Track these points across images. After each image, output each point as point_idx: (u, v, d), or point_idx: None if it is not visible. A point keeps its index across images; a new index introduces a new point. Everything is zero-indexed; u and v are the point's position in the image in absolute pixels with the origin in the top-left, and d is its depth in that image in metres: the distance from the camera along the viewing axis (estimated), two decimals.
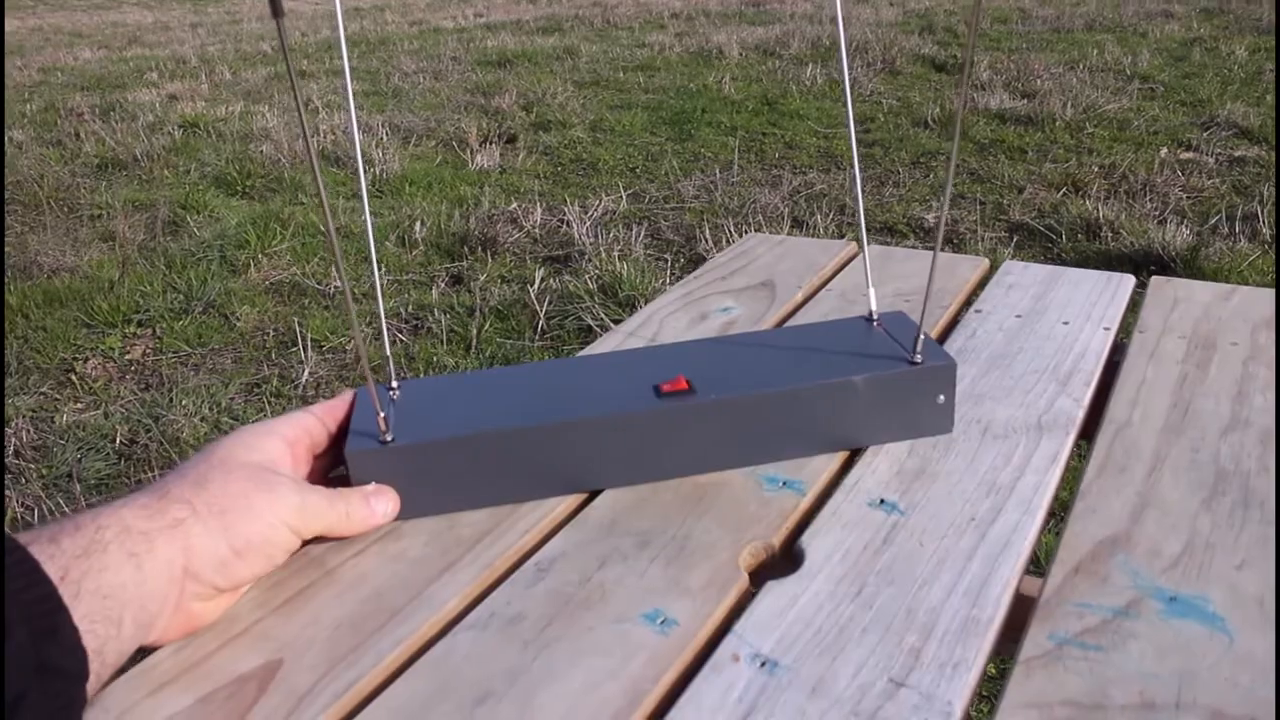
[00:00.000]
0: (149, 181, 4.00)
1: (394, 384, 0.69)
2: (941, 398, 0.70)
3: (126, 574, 0.49)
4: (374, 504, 0.62)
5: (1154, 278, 1.00)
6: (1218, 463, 0.67)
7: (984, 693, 0.54)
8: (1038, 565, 0.59)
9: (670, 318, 0.94)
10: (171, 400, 2.25)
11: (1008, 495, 0.64)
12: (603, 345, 0.89)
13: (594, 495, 0.66)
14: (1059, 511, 0.66)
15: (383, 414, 0.62)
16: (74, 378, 2.41)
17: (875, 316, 0.76)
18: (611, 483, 0.66)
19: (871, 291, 0.76)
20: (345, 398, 0.68)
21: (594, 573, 0.58)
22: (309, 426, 0.64)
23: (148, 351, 2.54)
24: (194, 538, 0.53)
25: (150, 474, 1.97)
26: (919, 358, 0.69)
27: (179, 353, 2.53)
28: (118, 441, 2.11)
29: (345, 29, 8.58)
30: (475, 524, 0.63)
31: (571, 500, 0.66)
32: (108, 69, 6.71)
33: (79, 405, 2.28)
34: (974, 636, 0.52)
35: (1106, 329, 0.89)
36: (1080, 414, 0.75)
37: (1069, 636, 0.52)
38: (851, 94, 4.79)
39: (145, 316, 2.70)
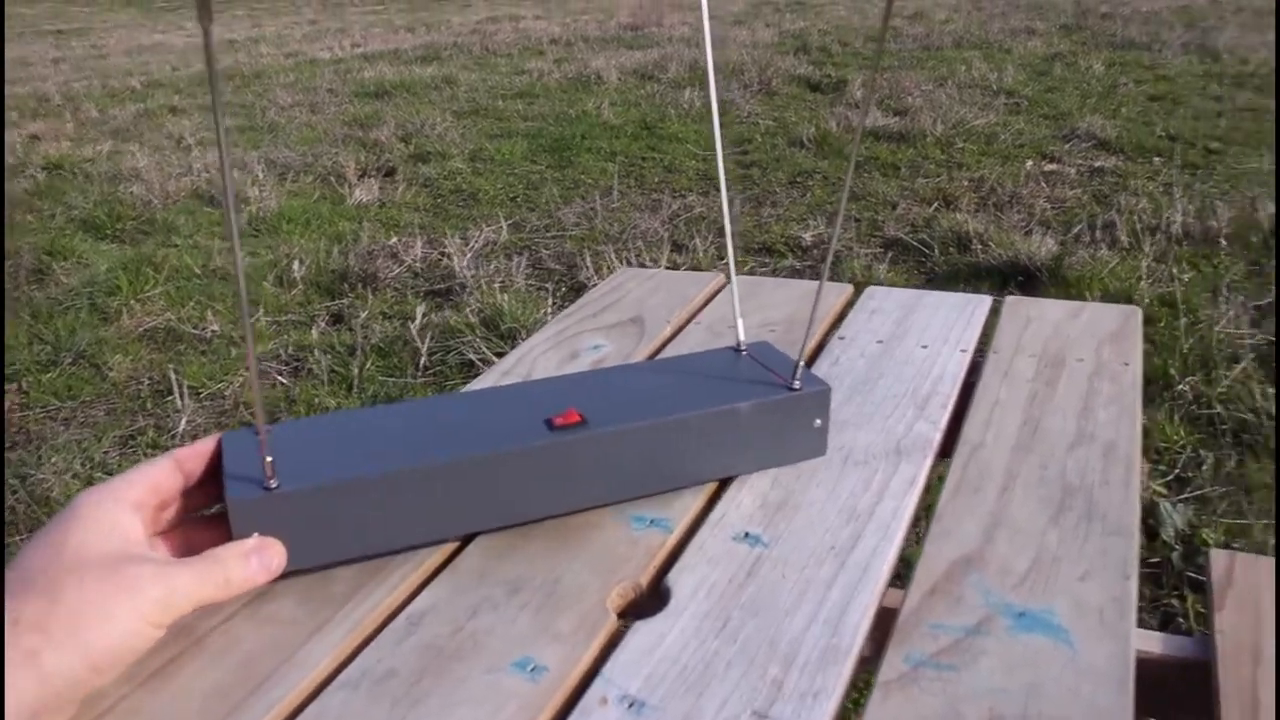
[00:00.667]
0: (11, 228, 3.86)
1: (266, 427, 0.65)
2: (818, 421, 0.73)
3: None
4: (254, 562, 0.58)
5: (1009, 298, 1.05)
6: (1064, 478, 0.71)
7: (859, 700, 0.55)
8: (902, 580, 0.61)
9: (542, 357, 0.95)
10: (40, 458, 2.17)
11: (867, 521, 0.66)
12: (478, 385, 0.89)
13: (465, 544, 0.66)
14: (924, 520, 0.68)
15: (270, 458, 0.59)
16: None
17: (743, 347, 0.78)
18: (503, 520, 0.66)
19: (739, 323, 0.78)
20: (208, 442, 0.64)
21: (465, 623, 0.59)
22: (157, 481, 0.61)
23: (13, 407, 2.45)
24: (49, 666, 0.49)
25: (17, 538, 1.90)
26: (797, 384, 0.71)
27: (47, 407, 2.44)
28: None
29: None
30: (347, 580, 0.63)
31: (442, 550, 0.66)
32: None
33: None
34: (834, 665, 0.54)
35: (963, 351, 0.92)
36: (937, 436, 0.78)
37: (924, 658, 0.55)
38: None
39: (10, 370, 2.61)
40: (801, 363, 0.71)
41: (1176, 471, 1.94)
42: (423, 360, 2.52)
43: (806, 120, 4.94)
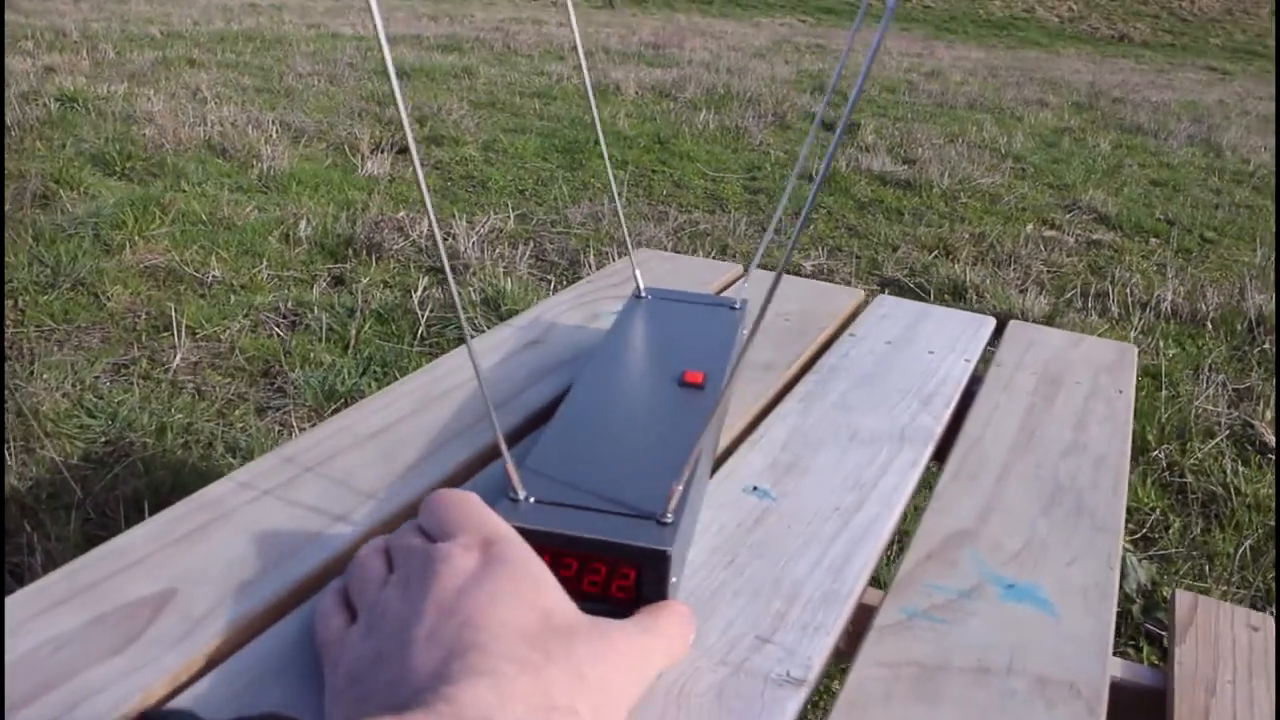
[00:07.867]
0: (19, 152, 3.86)
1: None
2: (745, 332, 0.81)
3: None
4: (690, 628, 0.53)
5: (1012, 321, 1.08)
6: (1057, 479, 0.74)
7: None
8: (889, 561, 0.65)
9: (564, 314, 0.98)
10: (32, 373, 2.18)
11: (870, 490, 0.69)
12: (491, 339, 0.92)
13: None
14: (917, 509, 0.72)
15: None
16: None
17: (644, 293, 0.86)
18: None
19: (637, 274, 0.87)
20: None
21: None
22: None
23: (7, 322, 2.45)
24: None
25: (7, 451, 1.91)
26: (739, 304, 0.83)
27: (42, 327, 2.45)
28: None
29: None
30: (368, 479, 0.66)
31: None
32: None
33: None
34: (834, 606, 0.57)
35: (967, 360, 0.96)
36: (939, 429, 0.81)
37: (919, 610, 0.58)
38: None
39: (7, 288, 2.61)
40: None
41: (1144, 531, 1.98)
42: (421, 330, 2.55)
43: (816, 155, 5.00)
